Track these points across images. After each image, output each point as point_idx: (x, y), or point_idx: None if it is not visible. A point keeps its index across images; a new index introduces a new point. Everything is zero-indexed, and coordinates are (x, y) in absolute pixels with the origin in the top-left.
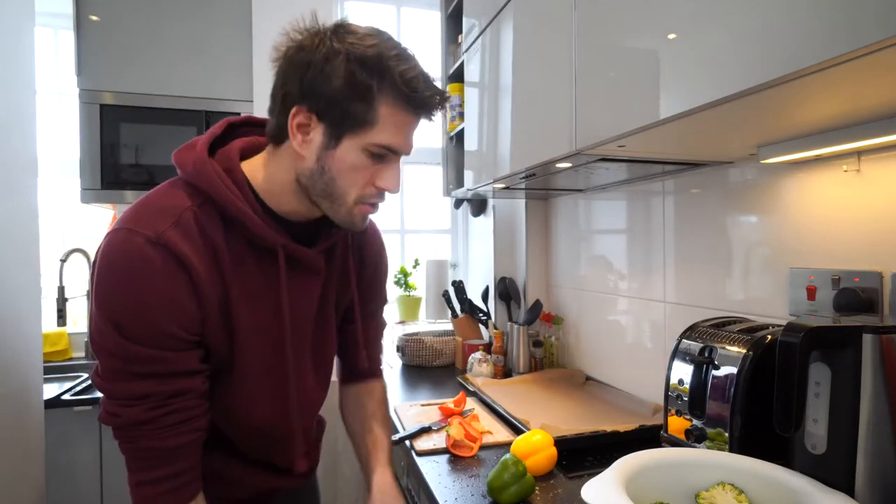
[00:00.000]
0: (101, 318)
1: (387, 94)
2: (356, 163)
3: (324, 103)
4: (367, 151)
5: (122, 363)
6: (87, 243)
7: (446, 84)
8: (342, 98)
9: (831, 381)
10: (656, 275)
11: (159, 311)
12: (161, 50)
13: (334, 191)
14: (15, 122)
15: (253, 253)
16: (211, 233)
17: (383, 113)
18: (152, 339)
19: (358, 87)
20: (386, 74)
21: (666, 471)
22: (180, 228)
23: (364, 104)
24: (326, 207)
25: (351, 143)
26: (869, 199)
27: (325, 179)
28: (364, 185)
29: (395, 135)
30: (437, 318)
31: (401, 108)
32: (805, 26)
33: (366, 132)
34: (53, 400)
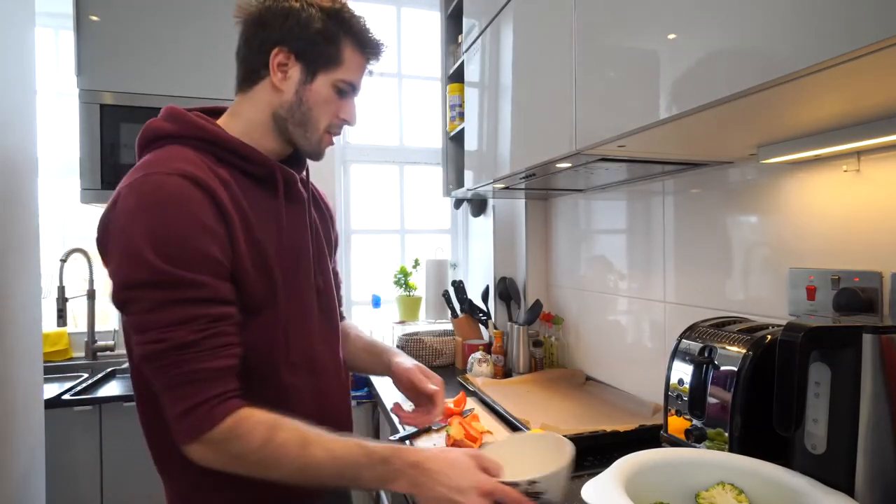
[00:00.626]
0: (141, 252)
1: (350, 39)
2: (327, 96)
3: (302, 45)
4: (335, 87)
5: (165, 292)
6: (87, 243)
7: (446, 84)
8: (317, 41)
9: (831, 381)
10: (656, 275)
11: (198, 235)
12: (161, 50)
13: (310, 120)
14: (15, 122)
15: (252, 183)
16: (215, 168)
17: (347, 55)
18: (194, 263)
19: (329, 32)
20: (349, 24)
21: (666, 471)
22: (194, 165)
23: (333, 47)
24: (300, 136)
25: (323, 79)
26: (869, 199)
27: (302, 110)
28: (332, 116)
29: (356, 73)
30: (437, 318)
31: (358, 51)
32: (805, 26)
33: (335, 70)
34: (53, 400)
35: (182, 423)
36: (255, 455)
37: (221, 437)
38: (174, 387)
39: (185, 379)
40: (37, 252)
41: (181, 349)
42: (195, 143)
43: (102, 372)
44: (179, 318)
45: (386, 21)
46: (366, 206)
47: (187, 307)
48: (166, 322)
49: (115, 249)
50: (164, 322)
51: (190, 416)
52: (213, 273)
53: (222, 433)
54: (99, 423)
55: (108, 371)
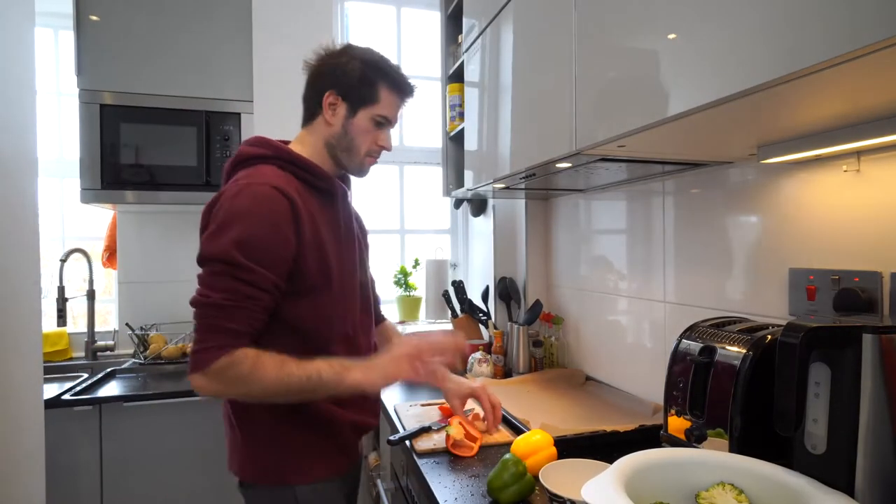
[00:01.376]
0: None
1: (385, 83)
2: (366, 128)
3: (346, 88)
4: (374, 120)
5: (226, 266)
6: (87, 243)
7: (446, 84)
8: (358, 85)
9: (831, 381)
10: (656, 275)
11: (270, 237)
12: (161, 50)
13: (353, 146)
14: (15, 122)
15: (316, 197)
16: (292, 182)
17: (383, 94)
18: (255, 256)
19: (367, 78)
20: (384, 71)
21: (666, 471)
22: (281, 180)
23: (371, 89)
24: (346, 159)
25: (363, 114)
26: (869, 199)
27: (347, 139)
28: (371, 143)
29: (390, 109)
30: (437, 318)
31: (393, 92)
32: (805, 26)
33: (373, 107)
34: (53, 400)
35: (193, 357)
36: (245, 381)
37: (218, 368)
38: (199, 330)
39: (206, 328)
40: (37, 252)
41: (213, 307)
42: (279, 163)
43: (102, 372)
44: (224, 286)
45: (386, 21)
46: (366, 206)
47: (232, 282)
48: (214, 286)
49: (214, 227)
50: (214, 285)
51: (199, 353)
52: (265, 266)
53: (219, 365)
54: (99, 423)
55: (108, 371)
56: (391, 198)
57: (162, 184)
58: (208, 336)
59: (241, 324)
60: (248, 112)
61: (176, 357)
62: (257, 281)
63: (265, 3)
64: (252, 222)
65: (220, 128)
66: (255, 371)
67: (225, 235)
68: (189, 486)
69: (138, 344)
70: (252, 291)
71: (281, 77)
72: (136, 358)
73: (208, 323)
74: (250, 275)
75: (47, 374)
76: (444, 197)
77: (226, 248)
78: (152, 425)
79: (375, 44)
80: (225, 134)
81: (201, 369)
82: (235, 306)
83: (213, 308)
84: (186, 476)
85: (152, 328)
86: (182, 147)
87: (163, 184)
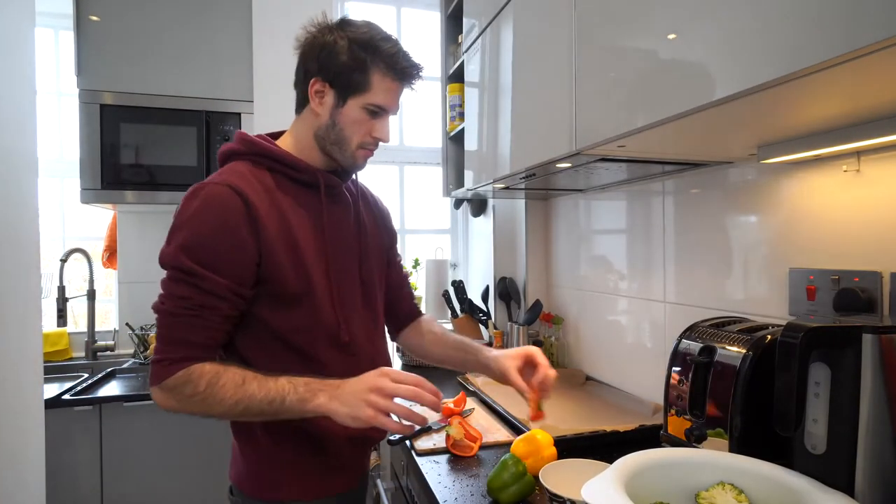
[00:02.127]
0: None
1: (377, 66)
2: (357, 118)
3: (333, 74)
4: (366, 109)
5: (180, 273)
6: (87, 243)
7: (446, 84)
8: (346, 70)
9: (831, 381)
10: (656, 275)
11: (222, 241)
12: (161, 50)
13: (343, 139)
14: (15, 122)
15: (297, 188)
16: (262, 179)
17: (375, 80)
18: (208, 262)
19: (357, 61)
20: (376, 52)
21: (666, 471)
22: (243, 177)
23: (362, 74)
24: (335, 152)
25: (353, 103)
26: (869, 199)
27: (336, 130)
28: (363, 134)
29: (385, 97)
30: (438, 318)
31: (388, 77)
32: (805, 26)
33: (364, 95)
34: (53, 400)
35: (151, 367)
36: (198, 398)
37: (174, 384)
38: (158, 339)
39: (162, 338)
40: (37, 252)
41: (169, 315)
42: (253, 159)
43: (102, 372)
44: (179, 293)
45: (386, 21)
46: None
47: (187, 288)
48: (170, 292)
49: (170, 234)
50: (170, 291)
51: (156, 365)
52: (218, 272)
53: (175, 381)
54: (99, 423)
55: (108, 371)
56: (391, 198)
57: (162, 184)
58: (166, 346)
59: (197, 335)
60: (248, 112)
61: None
62: (211, 288)
63: (265, 2)
64: (199, 225)
65: (220, 128)
66: (212, 390)
67: (174, 241)
68: (189, 486)
69: (138, 344)
70: (205, 300)
71: (281, 77)
72: (136, 358)
73: (164, 333)
74: (203, 282)
75: (47, 374)
76: (444, 197)
77: (174, 254)
78: (152, 425)
79: None
80: (225, 134)
81: (157, 383)
82: (190, 315)
83: (167, 316)
84: (186, 476)
85: (152, 328)
86: (182, 147)
87: (163, 184)
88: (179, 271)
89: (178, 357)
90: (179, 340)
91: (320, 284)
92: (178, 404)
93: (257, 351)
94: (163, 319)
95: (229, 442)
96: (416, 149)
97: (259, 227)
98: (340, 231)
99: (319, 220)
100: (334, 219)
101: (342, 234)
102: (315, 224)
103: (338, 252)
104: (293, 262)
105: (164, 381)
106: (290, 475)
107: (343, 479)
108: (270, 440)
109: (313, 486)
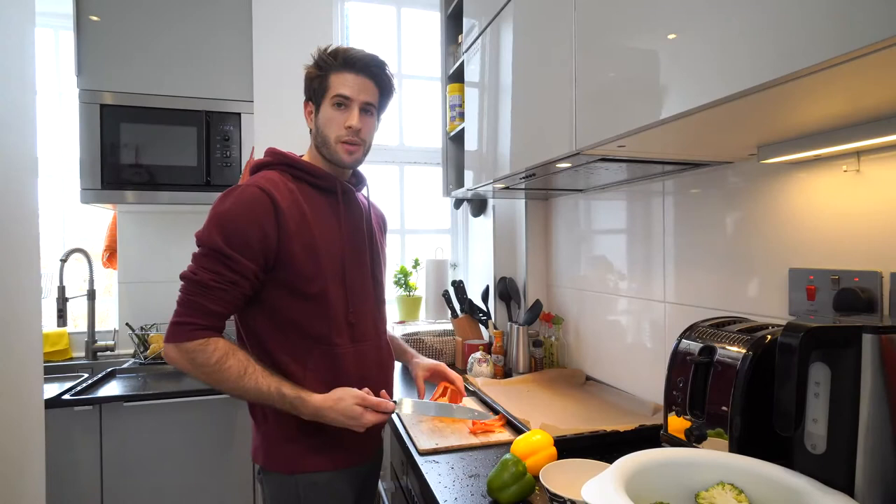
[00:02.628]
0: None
1: (334, 68)
2: (329, 115)
3: (310, 92)
4: (333, 105)
5: (214, 252)
6: (87, 243)
7: (446, 84)
8: (314, 84)
9: (831, 381)
10: (656, 275)
11: (249, 230)
12: (161, 50)
13: (325, 138)
14: (15, 122)
15: (318, 194)
16: (287, 184)
17: (333, 79)
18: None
19: (318, 73)
20: (333, 58)
21: (666, 471)
22: (270, 182)
23: (322, 79)
24: (326, 153)
25: (324, 105)
26: (869, 199)
27: (320, 134)
28: (338, 128)
29: (342, 87)
30: (437, 318)
31: (342, 71)
32: (805, 26)
33: (327, 94)
34: (53, 400)
35: (172, 328)
36: (208, 369)
37: (193, 348)
38: (182, 304)
39: (189, 303)
40: (37, 252)
41: (199, 285)
42: (280, 168)
43: (102, 372)
44: (213, 268)
45: (386, 21)
46: None
47: (220, 265)
48: (204, 266)
49: (207, 222)
50: (203, 265)
51: (179, 326)
52: (246, 256)
53: (195, 346)
54: (99, 423)
55: (108, 371)
56: (391, 198)
57: (162, 184)
58: (190, 312)
59: (219, 305)
60: (248, 112)
61: None
62: (241, 269)
63: (265, 3)
64: (233, 216)
65: (220, 128)
66: (220, 367)
67: (211, 225)
68: (189, 486)
69: (138, 344)
70: (235, 277)
71: (281, 77)
72: (137, 358)
73: (191, 299)
74: (234, 263)
75: (47, 374)
76: (444, 197)
77: (211, 236)
78: (152, 425)
79: (375, 44)
80: (225, 134)
81: (175, 341)
82: (219, 288)
83: (198, 286)
84: (186, 476)
85: (152, 328)
86: (182, 147)
87: (163, 184)
88: (214, 250)
89: (203, 325)
90: (206, 310)
91: (334, 276)
92: (188, 366)
93: (274, 334)
94: (193, 287)
95: (229, 442)
96: (416, 149)
97: (281, 222)
98: (355, 232)
99: (337, 220)
100: (350, 220)
101: (356, 235)
102: (333, 224)
103: (353, 249)
104: (308, 254)
105: (186, 343)
106: (303, 451)
107: (346, 456)
108: (288, 420)
109: (322, 460)
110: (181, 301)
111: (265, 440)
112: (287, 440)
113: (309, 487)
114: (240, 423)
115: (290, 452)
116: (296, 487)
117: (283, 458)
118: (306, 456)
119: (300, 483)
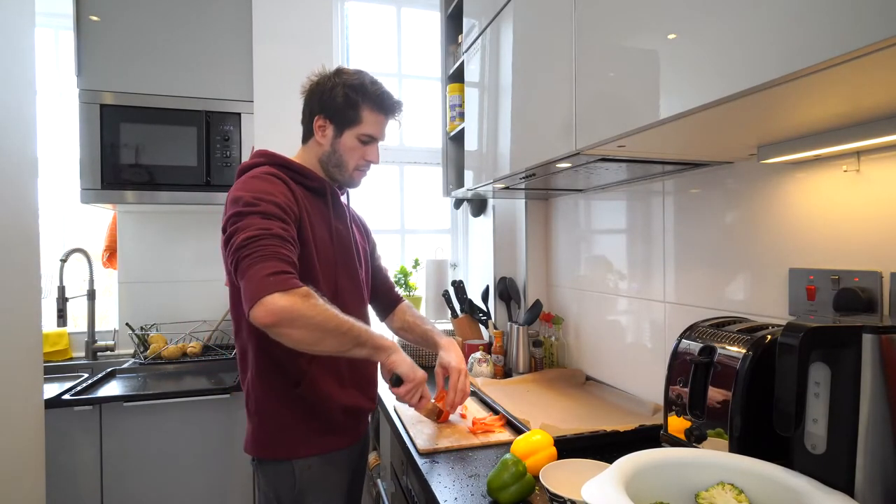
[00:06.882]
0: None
1: (367, 104)
2: (352, 146)
3: (332, 112)
4: (359, 139)
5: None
6: (87, 243)
7: (446, 84)
8: (342, 108)
9: (831, 381)
10: (656, 275)
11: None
12: (161, 50)
13: (342, 163)
14: (15, 122)
15: (309, 195)
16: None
17: (365, 115)
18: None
19: (350, 101)
20: (365, 93)
21: (666, 471)
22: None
23: (354, 111)
24: (337, 174)
25: (349, 133)
26: (869, 199)
27: (336, 157)
28: (358, 158)
29: (373, 128)
30: (437, 318)
31: (375, 111)
32: (805, 26)
33: (357, 127)
34: (53, 400)
35: (271, 279)
36: (321, 308)
37: (304, 292)
38: (267, 257)
39: (276, 256)
40: (37, 252)
41: (276, 237)
42: (274, 167)
43: (102, 372)
44: (279, 224)
45: (386, 21)
46: (366, 206)
47: (276, 221)
48: (271, 223)
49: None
50: (270, 223)
51: (279, 276)
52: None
53: (304, 290)
54: (99, 423)
55: (109, 371)
56: (391, 198)
57: (162, 184)
58: (279, 263)
59: (294, 256)
60: (248, 112)
61: (176, 357)
62: (292, 225)
63: (265, 3)
64: (263, 188)
65: (220, 128)
66: (328, 306)
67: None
68: (189, 486)
69: (138, 344)
70: (294, 232)
71: (281, 77)
72: (137, 358)
73: (275, 251)
74: (288, 216)
75: (47, 374)
76: (444, 197)
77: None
78: (152, 425)
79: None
80: (225, 134)
81: (284, 289)
82: (291, 239)
83: (277, 238)
84: (186, 476)
85: (152, 328)
86: (182, 147)
87: (163, 184)
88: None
89: (293, 272)
90: (291, 260)
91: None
92: (304, 306)
93: None
94: (270, 241)
95: (229, 442)
96: (416, 149)
97: (297, 199)
98: (342, 233)
99: (328, 219)
100: (338, 222)
101: (344, 236)
102: (324, 223)
103: (342, 248)
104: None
105: (297, 288)
106: (297, 438)
107: (336, 440)
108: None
109: (315, 445)
110: (263, 255)
111: (258, 431)
112: (280, 429)
113: (304, 471)
114: (239, 422)
115: (284, 440)
116: (292, 473)
117: (278, 446)
118: (299, 443)
119: (296, 468)
